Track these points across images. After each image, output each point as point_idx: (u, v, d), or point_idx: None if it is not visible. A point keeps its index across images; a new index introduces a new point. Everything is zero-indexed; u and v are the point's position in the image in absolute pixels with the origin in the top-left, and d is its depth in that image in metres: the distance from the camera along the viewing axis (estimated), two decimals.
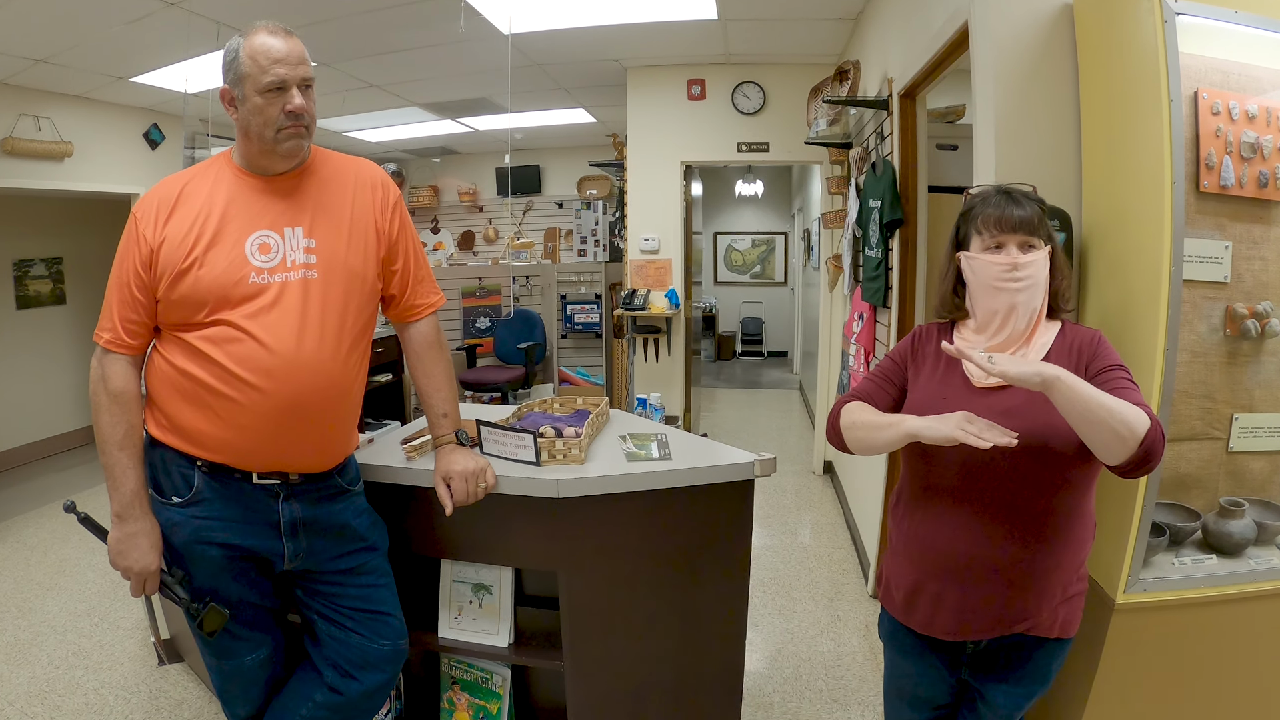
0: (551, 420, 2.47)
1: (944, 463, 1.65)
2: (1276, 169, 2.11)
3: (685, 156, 6.14)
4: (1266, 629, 2.13)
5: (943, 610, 1.69)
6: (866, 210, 3.97)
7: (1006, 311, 1.65)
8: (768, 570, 4.20)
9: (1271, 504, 2.25)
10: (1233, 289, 2.14)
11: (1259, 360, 2.20)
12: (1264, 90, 2.09)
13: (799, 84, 5.54)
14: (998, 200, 1.68)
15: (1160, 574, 2.05)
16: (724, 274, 12.43)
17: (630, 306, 6.00)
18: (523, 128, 7.97)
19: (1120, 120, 2.11)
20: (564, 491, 2.09)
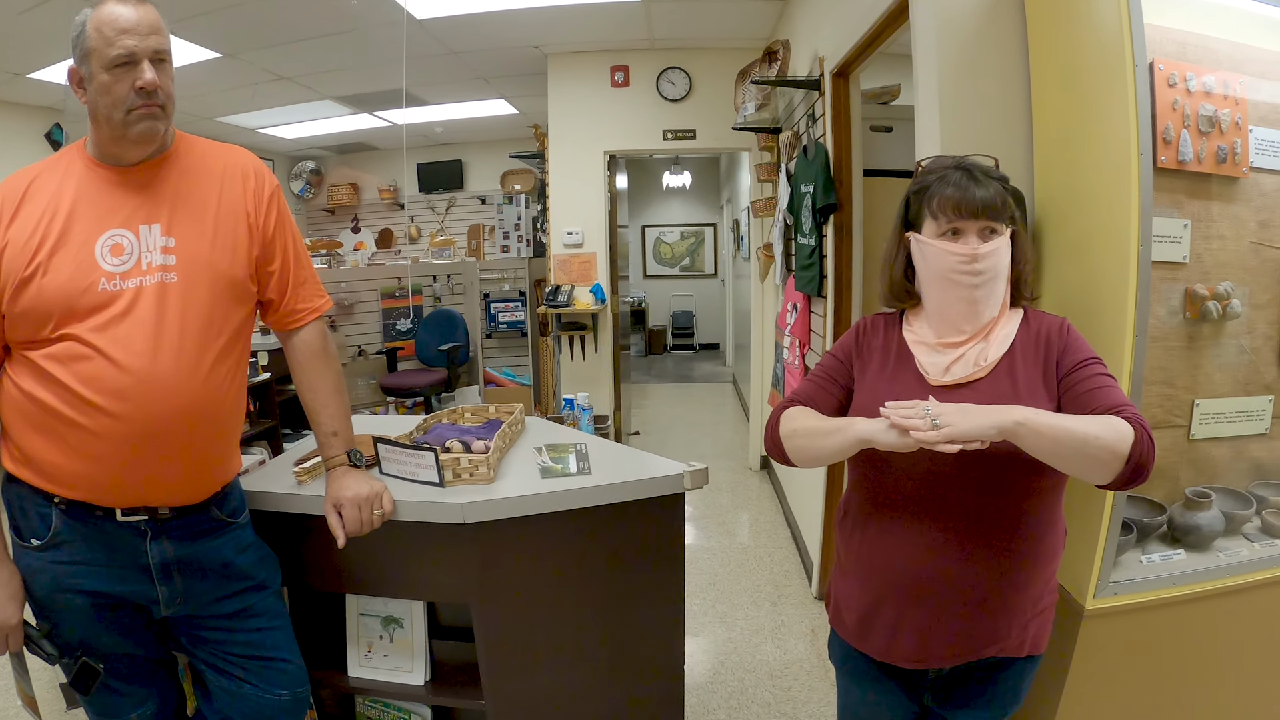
0: (460, 433, 2.24)
1: (898, 470, 1.48)
2: (1235, 144, 2.00)
3: (609, 146, 5.95)
4: (1239, 625, 2.03)
5: (902, 636, 1.52)
6: (798, 196, 3.83)
7: (963, 307, 1.48)
8: (706, 575, 4.03)
9: (1237, 492, 2.16)
10: (1191, 269, 2.03)
11: (1219, 343, 2.10)
12: (1220, 63, 1.97)
13: (726, 69, 5.37)
14: (957, 179, 1.48)
15: (1130, 575, 1.92)
16: (653, 267, 12.29)
17: (554, 303, 5.78)
18: (443, 120, 7.77)
19: (1077, 90, 1.95)
20: (470, 516, 1.87)
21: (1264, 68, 2.04)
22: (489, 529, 1.90)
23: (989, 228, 1.46)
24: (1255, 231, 2.09)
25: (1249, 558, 2.01)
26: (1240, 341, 2.11)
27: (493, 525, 1.90)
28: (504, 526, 1.91)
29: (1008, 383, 1.46)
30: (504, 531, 1.92)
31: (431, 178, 8.97)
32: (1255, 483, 2.22)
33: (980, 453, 1.32)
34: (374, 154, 9.00)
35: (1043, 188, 2.13)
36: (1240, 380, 2.13)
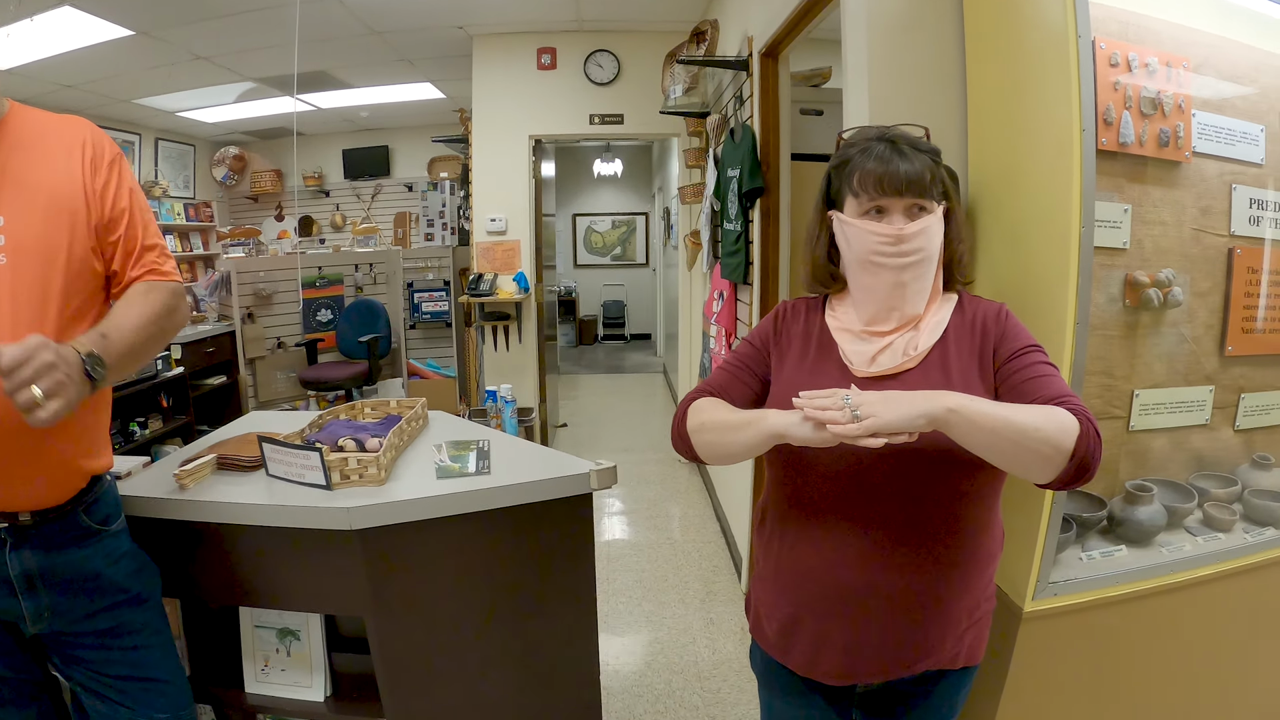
0: (355, 430, 2.06)
1: (819, 470, 1.34)
2: (1178, 127, 1.93)
3: (534, 130, 5.77)
4: (1183, 622, 1.97)
5: (826, 651, 1.38)
6: (725, 180, 3.72)
7: (889, 291, 1.34)
8: (633, 572, 3.89)
9: (1178, 484, 2.10)
10: (1131, 256, 1.95)
11: (1159, 332, 2.03)
12: (1163, 44, 1.89)
13: (655, 52, 5.24)
14: (880, 152, 1.34)
15: (1070, 574, 1.83)
16: (584, 256, 12.11)
17: (476, 292, 5.57)
18: (368, 105, 7.51)
19: (1016, 66, 1.84)
20: (358, 521, 1.70)
21: (1207, 51, 1.97)
22: (379, 535, 1.73)
23: (916, 205, 1.33)
24: (1197, 218, 2.02)
25: (1192, 553, 1.95)
26: (1181, 330, 2.05)
27: (383, 531, 1.73)
28: (396, 532, 1.74)
29: (940, 374, 1.33)
30: (396, 538, 1.75)
31: (357, 164, 8.65)
32: (1196, 474, 2.17)
33: (909, 449, 1.20)
34: (299, 139, 8.63)
35: (977, 167, 2.02)
36: (1180, 370, 2.07)
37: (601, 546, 4.24)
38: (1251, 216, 2.08)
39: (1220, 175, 2.02)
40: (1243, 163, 2.04)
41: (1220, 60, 1.99)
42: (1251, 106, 2.05)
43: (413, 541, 1.77)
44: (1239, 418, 2.17)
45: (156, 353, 1.68)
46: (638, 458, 5.92)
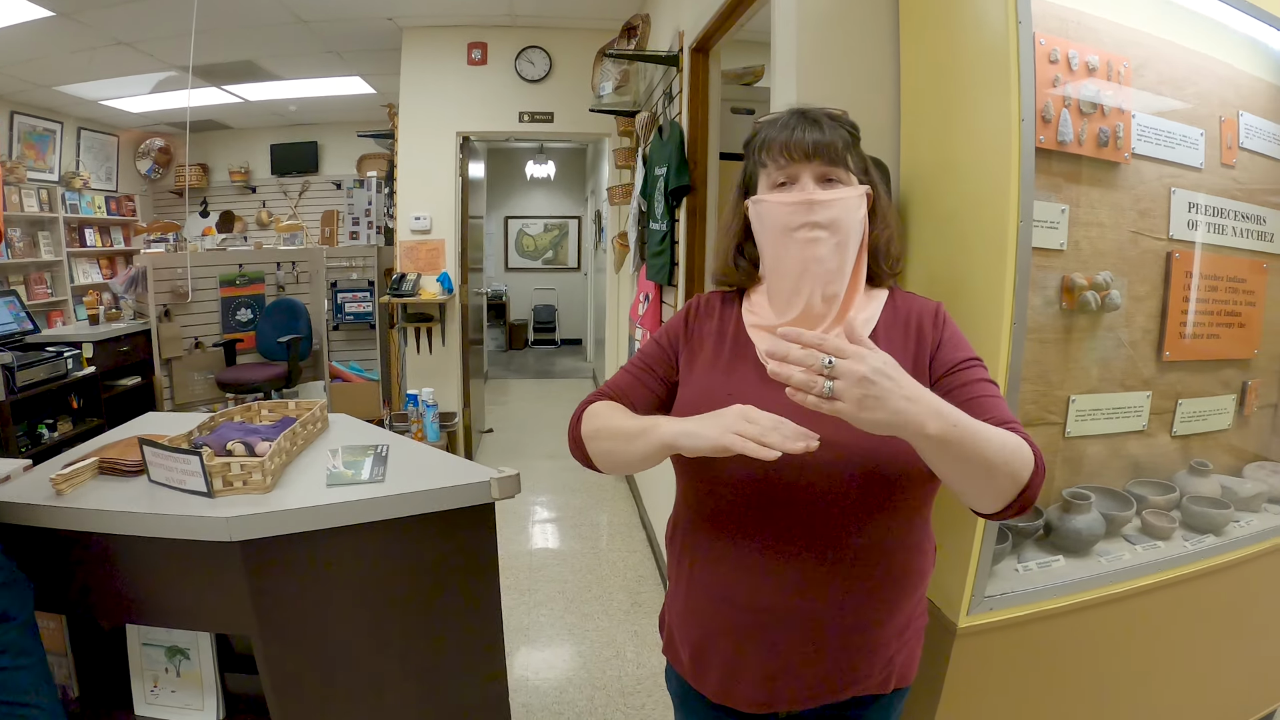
0: (247, 433, 1.88)
1: (731, 481, 1.21)
2: (1118, 127, 1.88)
3: (463, 127, 5.59)
4: (1123, 634, 1.92)
5: (743, 678, 1.25)
6: (652, 179, 3.63)
7: (801, 270, 1.21)
8: (555, 583, 3.75)
9: (1115, 491, 2.06)
10: (1068, 257, 1.89)
11: (1096, 336, 1.98)
12: (1103, 43, 1.84)
13: (588, 49, 5.09)
14: (788, 120, 1.23)
15: (1006, 588, 1.75)
16: (515, 260, 11.90)
17: (399, 292, 5.38)
18: (297, 99, 7.25)
19: (953, 56, 1.76)
20: (238, 532, 1.54)
21: (1147, 53, 1.93)
22: (263, 548, 1.58)
23: (828, 175, 1.21)
24: (1135, 220, 1.98)
25: (1131, 562, 1.89)
26: (1118, 334, 2.00)
27: (267, 543, 1.58)
28: (282, 545, 1.59)
29: None
30: (283, 550, 1.60)
31: (286, 160, 8.35)
32: (1133, 481, 2.13)
33: (834, 462, 1.09)
34: (226, 133, 8.31)
35: (910, 160, 1.94)
36: (1117, 375, 2.02)
37: (524, 556, 4.09)
38: (1190, 221, 2.04)
39: (1160, 178, 1.98)
40: (1182, 166, 2.01)
41: (1161, 62, 1.95)
42: (1191, 110, 2.01)
43: (300, 554, 1.62)
44: (1176, 424, 2.13)
45: None
46: (564, 464, 5.77)
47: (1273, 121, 2.18)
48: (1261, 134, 2.16)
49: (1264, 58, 2.18)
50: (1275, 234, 2.24)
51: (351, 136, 7.75)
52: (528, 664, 3.03)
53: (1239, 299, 2.17)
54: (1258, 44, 2.15)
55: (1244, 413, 2.29)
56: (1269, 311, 2.26)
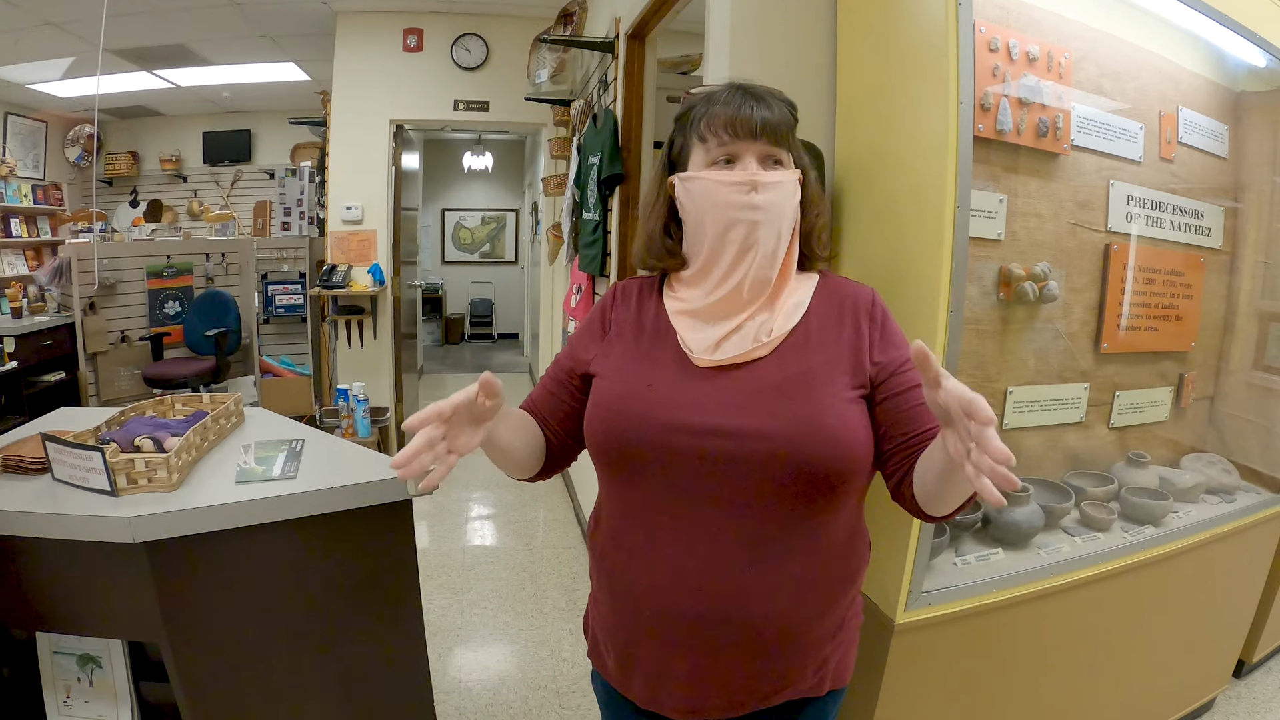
0: (156, 427, 1.77)
1: (652, 476, 1.13)
2: (1057, 119, 1.87)
3: (396, 115, 5.45)
4: (1063, 626, 1.92)
5: (669, 684, 1.18)
6: (585, 168, 3.58)
7: (738, 253, 1.14)
8: (489, 581, 3.65)
9: (1054, 483, 2.05)
10: (1006, 248, 1.88)
11: (1034, 327, 1.98)
12: (1044, 34, 1.83)
13: (525, 37, 4.99)
14: (730, 97, 1.16)
15: (944, 582, 1.72)
16: (452, 253, 11.69)
17: (329, 284, 5.21)
18: (229, 85, 6.95)
19: (890, 38, 1.72)
20: (142, 533, 1.45)
21: (1088, 45, 1.93)
22: (169, 549, 1.48)
23: (771, 156, 1.15)
24: (1074, 212, 1.97)
25: (1071, 555, 1.89)
26: (1056, 326, 1.99)
27: (174, 544, 1.49)
28: (189, 545, 1.50)
29: (798, 361, 1.13)
30: (190, 552, 1.51)
31: (218, 148, 8.01)
32: (1071, 473, 2.12)
33: (764, 455, 1.04)
34: (157, 120, 7.95)
35: (845, 147, 1.90)
36: (1055, 367, 2.01)
37: (457, 554, 3.99)
38: (1128, 214, 2.04)
39: (1098, 170, 1.98)
40: (1121, 159, 2.01)
41: (1102, 55, 1.95)
42: (1132, 104, 2.01)
43: (209, 556, 1.54)
44: (1114, 415, 2.14)
45: None
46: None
47: (1211, 118, 2.20)
48: (1200, 130, 2.17)
49: (1205, 55, 2.20)
50: (1213, 229, 2.26)
51: (285, 125, 7.50)
52: (461, 665, 2.93)
53: (1176, 292, 2.18)
54: (1199, 41, 2.17)
55: (1181, 405, 2.31)
56: (1205, 305, 2.28)
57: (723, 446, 1.06)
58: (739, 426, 1.06)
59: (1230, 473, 2.36)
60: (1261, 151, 2.40)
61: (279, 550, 1.62)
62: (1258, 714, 2.71)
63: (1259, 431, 2.53)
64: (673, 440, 1.08)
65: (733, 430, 1.06)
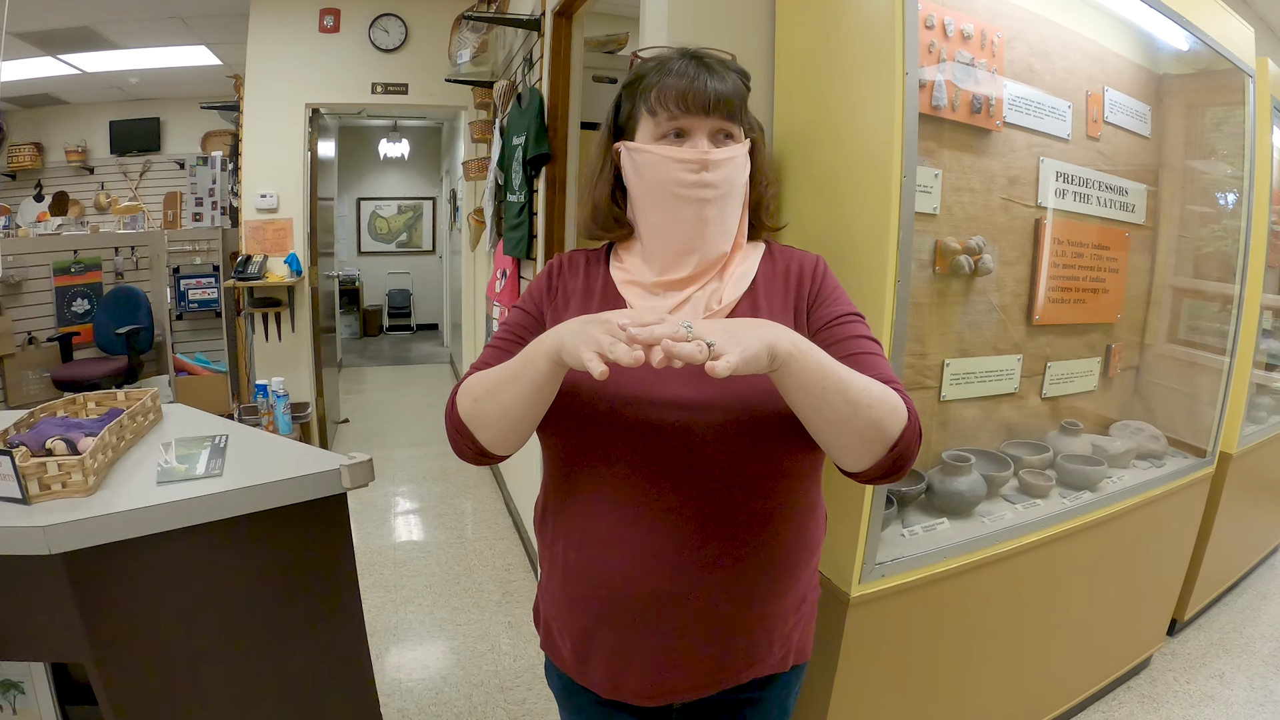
0: (69, 428, 1.65)
1: (605, 451, 1.10)
2: (990, 96, 1.89)
3: (312, 98, 5.25)
4: (1010, 591, 1.97)
5: (631, 668, 1.15)
6: (510, 149, 3.49)
7: (688, 231, 1.12)
8: (422, 577, 3.57)
9: (992, 453, 2.10)
10: (941, 222, 1.90)
11: (969, 301, 2.01)
12: (977, 12, 1.85)
13: (445, 18, 4.84)
14: (684, 67, 1.12)
15: (895, 553, 1.74)
16: (369, 243, 11.40)
17: (244, 275, 5.01)
18: (138, 70, 6.58)
19: (832, 12, 1.69)
20: (58, 543, 1.33)
21: (1020, 25, 1.97)
22: (89, 559, 1.37)
23: (723, 130, 1.12)
24: (1006, 187, 2.01)
25: (1013, 521, 1.93)
26: (990, 299, 2.03)
27: (94, 554, 1.37)
28: (111, 554, 1.39)
29: None
30: (112, 561, 1.40)
31: (126, 138, 7.59)
32: (1007, 442, 2.17)
33: (719, 425, 1.03)
34: (62, 109, 7.49)
35: (784, 120, 1.87)
36: (989, 339, 2.05)
37: (388, 550, 3.89)
38: (1058, 189, 2.09)
39: (1029, 147, 2.02)
40: (1050, 136, 2.05)
41: (1032, 35, 1.99)
42: (1060, 83, 2.06)
43: (132, 564, 1.42)
44: (1046, 386, 2.19)
45: None
46: (425, 451, 5.56)
47: (1135, 99, 2.27)
48: (1125, 109, 2.24)
49: (1130, 38, 2.27)
50: (1137, 205, 2.34)
51: (196, 112, 7.16)
52: (400, 665, 2.85)
53: (1103, 266, 2.25)
54: (1124, 23, 2.23)
55: (1109, 374, 2.39)
56: (1131, 278, 2.36)
57: (677, 418, 1.04)
58: (693, 397, 1.04)
59: (1158, 439, 2.46)
60: (1180, 132, 2.50)
61: (207, 554, 1.52)
62: (1192, 669, 2.84)
63: (1183, 399, 2.65)
64: (626, 412, 1.05)
65: (687, 401, 1.04)
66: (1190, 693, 2.68)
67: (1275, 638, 3.11)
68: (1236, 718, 2.55)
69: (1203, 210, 2.64)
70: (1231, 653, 2.97)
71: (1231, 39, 2.38)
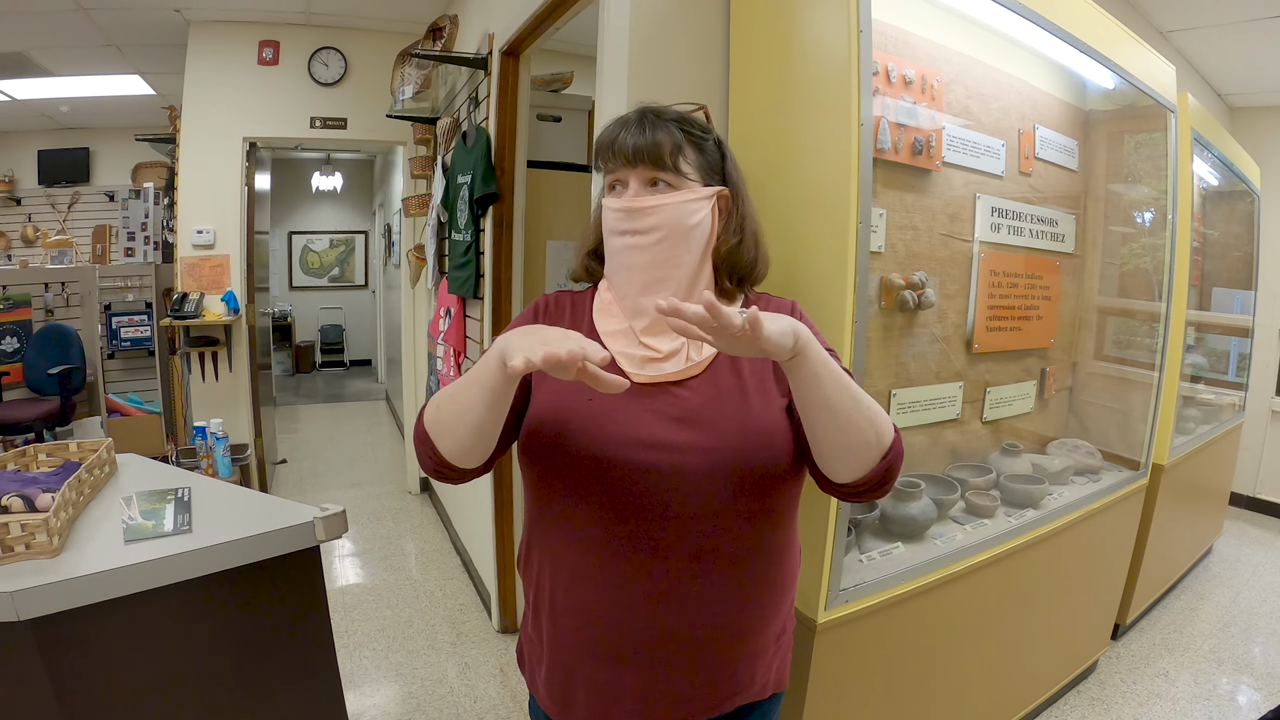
0: (24, 483, 1.61)
1: (588, 490, 1.12)
2: (930, 137, 2.00)
3: (250, 132, 5.15)
4: (965, 609, 2.05)
5: (619, 704, 1.17)
6: (454, 188, 3.51)
7: (629, 278, 1.17)
8: (374, 621, 3.52)
9: (939, 477, 2.17)
10: (886, 259, 1.98)
11: (913, 333, 2.09)
12: (919, 58, 1.96)
13: (387, 54, 4.84)
14: (616, 124, 1.19)
15: (856, 579, 1.80)
16: (300, 278, 11.21)
17: (180, 314, 4.88)
18: (69, 99, 6.40)
19: (788, 59, 1.77)
20: (26, 609, 1.29)
21: (958, 69, 2.07)
22: (59, 625, 1.33)
23: (656, 179, 1.15)
24: (946, 224, 2.10)
25: (964, 542, 2.01)
26: (933, 330, 2.11)
27: (64, 619, 1.33)
28: (82, 618, 1.35)
29: (730, 376, 1.16)
30: (83, 625, 1.35)
31: (55, 168, 7.36)
32: (952, 465, 2.25)
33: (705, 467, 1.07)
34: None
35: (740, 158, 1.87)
36: (933, 368, 2.14)
37: (336, 595, 3.82)
38: (993, 224, 2.19)
39: (966, 184, 2.12)
40: (986, 174, 2.16)
41: (969, 78, 2.09)
42: (995, 122, 2.17)
43: (103, 628, 1.38)
44: (986, 410, 2.29)
45: None
46: (366, 492, 5.48)
47: (1064, 135, 2.41)
48: (1054, 145, 2.38)
49: (1059, 78, 2.40)
50: (1066, 234, 2.46)
51: (127, 143, 6.96)
52: (359, 712, 2.80)
53: (1037, 294, 2.37)
54: (1054, 65, 2.36)
55: (1045, 396, 2.50)
56: (1062, 304, 2.48)
57: (664, 459, 1.08)
58: (678, 440, 1.08)
59: (1094, 454, 2.58)
60: (1106, 164, 2.65)
61: (180, 613, 1.49)
62: (1136, 670, 2.98)
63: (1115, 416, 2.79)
64: (613, 454, 1.08)
65: (672, 443, 1.08)
66: (1138, 692, 2.80)
67: (1214, 635, 3.28)
68: (1184, 713, 2.68)
69: (1124, 230, 2.81)
70: (1174, 651, 3.12)
71: (1154, 76, 2.54)
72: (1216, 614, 3.51)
